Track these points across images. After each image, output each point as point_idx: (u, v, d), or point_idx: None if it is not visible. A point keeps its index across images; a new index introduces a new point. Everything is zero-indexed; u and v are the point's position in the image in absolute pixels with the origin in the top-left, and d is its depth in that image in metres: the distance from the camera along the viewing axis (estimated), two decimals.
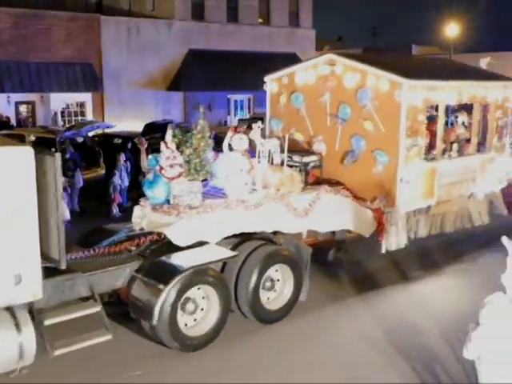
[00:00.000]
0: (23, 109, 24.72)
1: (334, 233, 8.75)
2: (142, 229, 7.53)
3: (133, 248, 7.18)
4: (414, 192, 8.64)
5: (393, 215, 8.54)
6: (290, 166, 8.49)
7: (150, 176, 7.61)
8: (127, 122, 25.57)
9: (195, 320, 6.96)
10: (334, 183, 8.73)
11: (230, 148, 7.82)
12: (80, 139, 17.39)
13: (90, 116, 27.14)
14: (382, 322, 7.57)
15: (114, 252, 7.06)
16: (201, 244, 7.18)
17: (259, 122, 8.23)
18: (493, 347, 4.40)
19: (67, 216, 11.68)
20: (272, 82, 9.75)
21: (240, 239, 7.61)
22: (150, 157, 7.68)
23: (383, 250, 8.67)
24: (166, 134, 7.45)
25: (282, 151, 8.42)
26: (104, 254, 6.99)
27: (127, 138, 16.79)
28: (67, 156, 13.95)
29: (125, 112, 27.35)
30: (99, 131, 21.05)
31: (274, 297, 7.71)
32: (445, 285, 8.96)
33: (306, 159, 8.63)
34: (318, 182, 8.71)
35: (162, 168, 7.40)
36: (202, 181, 7.63)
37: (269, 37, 30.52)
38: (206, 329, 6.95)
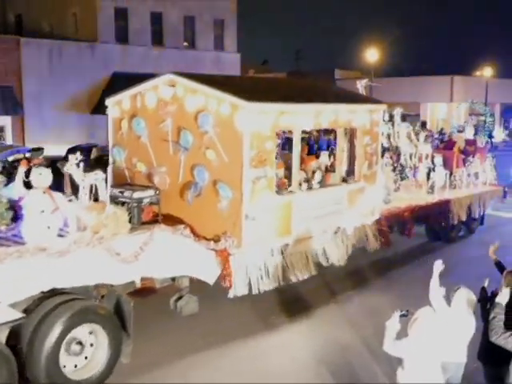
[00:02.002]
0: None
1: (174, 279, 7.27)
2: None
3: None
4: (264, 230, 7.23)
5: (238, 256, 7.13)
6: (122, 203, 7.00)
7: None
8: (50, 145, 23.88)
9: None
10: (173, 221, 7.26)
11: (28, 186, 6.24)
12: None
13: (9, 140, 25.48)
14: None
15: None
16: None
17: (77, 153, 6.73)
18: (417, 359, 4.44)
19: None
20: (114, 106, 8.19)
21: (42, 295, 6.02)
22: None
23: (231, 295, 7.22)
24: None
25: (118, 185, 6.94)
26: None
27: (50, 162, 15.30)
28: None
29: (47, 136, 25.71)
30: (19, 156, 19.36)
31: (84, 363, 6.12)
32: (300, 333, 7.54)
33: (139, 194, 7.09)
34: (155, 220, 7.22)
35: None
36: None
37: (194, 60, 29.39)
38: None
